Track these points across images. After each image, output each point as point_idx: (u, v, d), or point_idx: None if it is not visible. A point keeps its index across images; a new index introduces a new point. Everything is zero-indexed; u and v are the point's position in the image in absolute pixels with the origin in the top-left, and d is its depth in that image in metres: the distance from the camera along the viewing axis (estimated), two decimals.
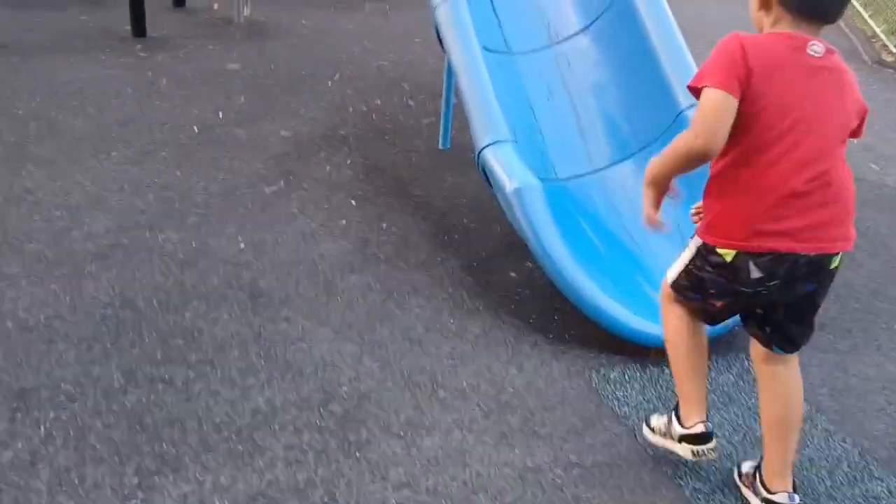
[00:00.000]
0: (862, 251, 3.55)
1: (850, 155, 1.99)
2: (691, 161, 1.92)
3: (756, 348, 2.15)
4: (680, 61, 3.33)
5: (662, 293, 2.21)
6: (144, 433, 2.23)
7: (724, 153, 1.93)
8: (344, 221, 3.53)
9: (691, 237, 2.08)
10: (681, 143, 1.93)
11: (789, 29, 1.94)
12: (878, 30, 7.69)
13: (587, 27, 3.77)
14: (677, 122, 3.22)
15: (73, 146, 4.11)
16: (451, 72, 3.63)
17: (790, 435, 2.11)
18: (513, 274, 3.18)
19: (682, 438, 2.16)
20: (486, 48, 3.51)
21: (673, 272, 2.14)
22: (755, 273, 1.95)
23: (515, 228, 2.93)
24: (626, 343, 2.71)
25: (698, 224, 2.08)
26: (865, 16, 8.20)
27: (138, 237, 3.28)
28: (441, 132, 4.37)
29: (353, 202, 3.72)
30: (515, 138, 3.07)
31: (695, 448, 2.14)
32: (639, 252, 3.08)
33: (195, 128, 4.46)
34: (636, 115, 3.46)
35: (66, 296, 2.83)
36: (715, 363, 2.69)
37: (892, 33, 7.35)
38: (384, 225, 3.52)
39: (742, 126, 1.89)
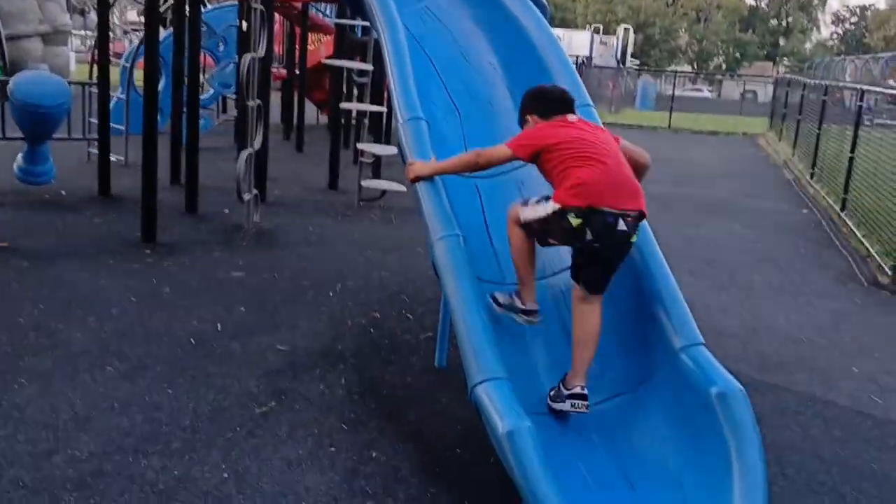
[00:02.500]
0: (871, 498, 3.41)
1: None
2: (466, 170, 3.71)
3: (576, 292, 3.30)
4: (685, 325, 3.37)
5: (511, 218, 3.40)
6: None
7: (554, 174, 3.27)
8: (333, 448, 3.44)
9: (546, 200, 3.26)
10: (468, 158, 3.59)
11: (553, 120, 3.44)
12: (872, 250, 7.84)
13: None
14: (672, 359, 3.23)
15: (70, 359, 4.11)
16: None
17: (586, 348, 3.25)
18: None
19: (521, 311, 3.43)
20: (481, 279, 3.56)
21: (527, 216, 3.31)
22: (588, 235, 3.15)
23: (507, 470, 2.83)
24: None
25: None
26: (860, 236, 8.41)
27: (121, 463, 3.19)
28: (437, 349, 4.37)
29: (344, 426, 3.65)
30: (508, 375, 3.04)
31: (527, 318, 3.42)
32: (636, 499, 2.97)
33: (192, 340, 4.47)
34: (634, 353, 3.46)
35: None
36: None
37: (887, 254, 7.47)
38: (374, 454, 3.43)
39: (554, 159, 3.26)
